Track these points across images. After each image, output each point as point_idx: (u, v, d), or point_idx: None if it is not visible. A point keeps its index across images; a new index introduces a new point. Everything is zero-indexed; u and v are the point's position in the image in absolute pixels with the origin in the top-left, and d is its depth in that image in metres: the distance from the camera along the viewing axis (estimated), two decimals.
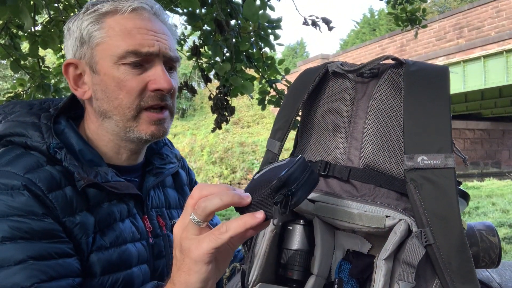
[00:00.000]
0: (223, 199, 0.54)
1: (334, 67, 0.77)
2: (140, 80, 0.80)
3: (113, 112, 0.81)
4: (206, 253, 0.54)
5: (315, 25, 2.59)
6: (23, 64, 2.58)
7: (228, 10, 2.50)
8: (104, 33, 0.80)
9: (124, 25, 0.80)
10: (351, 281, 0.67)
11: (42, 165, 0.76)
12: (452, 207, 0.61)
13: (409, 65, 0.70)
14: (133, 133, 0.82)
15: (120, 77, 0.79)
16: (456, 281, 0.61)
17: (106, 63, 0.80)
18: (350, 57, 19.31)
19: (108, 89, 0.80)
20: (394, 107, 0.69)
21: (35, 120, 0.81)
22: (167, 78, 0.81)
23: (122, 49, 0.78)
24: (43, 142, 0.77)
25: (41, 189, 0.72)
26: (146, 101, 0.81)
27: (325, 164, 0.72)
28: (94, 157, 0.83)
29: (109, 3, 0.81)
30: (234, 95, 2.71)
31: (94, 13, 0.81)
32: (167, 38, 0.84)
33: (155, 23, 0.82)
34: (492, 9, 14.40)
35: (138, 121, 0.81)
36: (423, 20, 4.09)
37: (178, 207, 1.00)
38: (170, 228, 0.94)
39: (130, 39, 0.79)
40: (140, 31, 0.80)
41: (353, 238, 0.72)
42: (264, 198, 0.54)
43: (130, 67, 0.79)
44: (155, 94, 0.81)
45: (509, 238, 5.76)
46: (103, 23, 0.80)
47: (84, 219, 0.76)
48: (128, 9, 0.80)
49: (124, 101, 0.80)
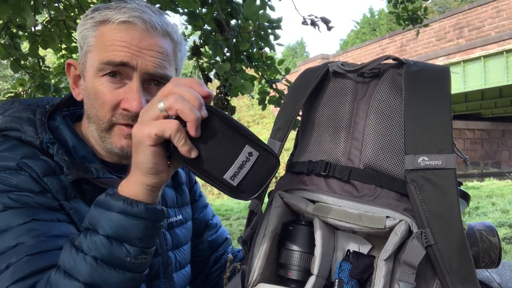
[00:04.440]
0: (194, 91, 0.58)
1: (334, 67, 0.76)
2: (115, 94, 0.79)
3: (93, 119, 0.83)
4: (147, 136, 0.58)
5: (314, 25, 2.59)
6: (23, 64, 2.58)
7: (228, 10, 2.50)
8: (93, 41, 0.81)
9: (110, 37, 0.79)
10: (351, 281, 0.67)
11: (37, 154, 0.78)
12: (453, 208, 0.60)
13: (410, 65, 0.70)
14: (106, 143, 0.83)
15: (98, 88, 0.80)
16: (457, 281, 0.61)
17: (90, 72, 0.81)
18: (350, 57, 19.30)
19: (89, 97, 0.82)
20: (395, 107, 0.69)
21: (30, 115, 0.83)
22: (138, 99, 0.78)
23: (99, 60, 0.79)
24: (37, 137, 0.79)
25: (36, 172, 0.74)
26: (117, 118, 0.81)
27: (326, 164, 0.72)
28: (87, 153, 0.84)
29: (105, 11, 0.80)
30: (234, 95, 2.71)
31: (91, 19, 0.81)
32: (156, 55, 0.80)
33: (146, 39, 0.79)
34: (492, 9, 14.40)
35: (110, 133, 0.82)
36: (425, 19, 4.09)
37: (175, 206, 1.00)
38: (167, 227, 0.94)
39: (108, 51, 0.78)
40: (122, 43, 0.78)
41: (353, 239, 0.72)
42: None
43: (109, 80, 0.79)
44: (126, 113, 0.80)
45: (509, 238, 5.76)
46: (96, 31, 0.81)
47: (78, 206, 0.78)
48: (116, 21, 0.78)
49: (99, 112, 0.81)
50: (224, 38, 2.37)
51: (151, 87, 0.83)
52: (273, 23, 2.47)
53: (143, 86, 0.81)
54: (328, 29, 2.59)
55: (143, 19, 0.80)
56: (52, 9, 2.52)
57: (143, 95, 0.80)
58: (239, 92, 2.63)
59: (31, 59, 2.63)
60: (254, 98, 2.86)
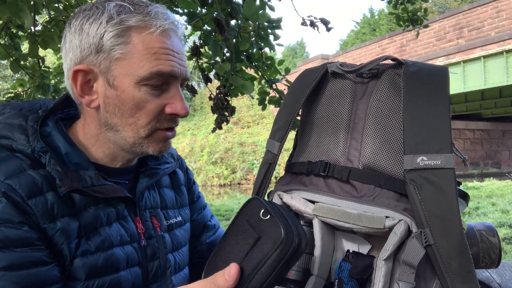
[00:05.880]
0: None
1: (333, 67, 0.77)
2: (159, 102, 0.80)
3: (124, 128, 0.80)
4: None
5: (314, 25, 2.59)
6: (23, 64, 2.58)
7: (228, 10, 2.50)
8: (128, 49, 0.76)
9: (150, 45, 0.76)
10: (351, 281, 0.67)
11: (24, 169, 0.74)
12: (452, 208, 0.61)
13: (409, 66, 0.70)
14: (141, 148, 0.82)
15: (140, 98, 0.78)
16: (456, 281, 0.61)
17: (127, 81, 0.77)
18: (350, 57, 19.31)
19: (124, 107, 0.79)
20: (394, 108, 0.69)
21: (22, 122, 0.80)
22: (184, 104, 0.81)
23: (147, 70, 0.76)
24: (28, 146, 0.76)
25: (20, 196, 0.71)
26: (161, 123, 0.81)
27: (325, 165, 0.72)
28: (81, 160, 0.81)
29: (137, 16, 0.76)
30: (234, 95, 2.71)
31: (121, 24, 0.76)
32: (184, 58, 0.82)
33: (178, 44, 0.81)
34: (492, 9, 14.41)
35: (150, 139, 0.82)
36: (425, 19, 4.09)
37: (175, 207, 0.99)
38: (166, 228, 0.93)
39: (155, 60, 0.76)
40: (166, 51, 0.78)
41: (352, 239, 0.72)
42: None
43: (151, 89, 0.78)
44: (170, 117, 0.82)
45: (509, 238, 5.76)
46: (128, 37, 0.76)
47: (66, 225, 0.75)
48: (158, 30, 0.76)
49: (140, 120, 0.79)
50: (224, 38, 2.37)
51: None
52: (273, 23, 2.47)
53: None
54: (327, 30, 2.59)
55: (175, 24, 0.80)
56: (52, 9, 2.52)
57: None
58: (239, 92, 2.64)
59: (31, 59, 2.63)
60: (254, 98, 2.86)
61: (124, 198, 0.85)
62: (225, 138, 20.91)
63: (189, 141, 21.38)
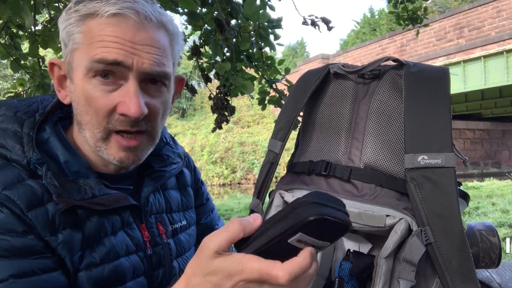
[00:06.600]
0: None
1: (335, 68, 0.77)
2: (110, 99, 0.70)
3: (85, 126, 0.74)
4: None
5: (315, 25, 2.59)
6: (23, 64, 2.58)
7: (228, 9, 2.50)
8: (80, 38, 0.70)
9: (99, 32, 0.69)
10: (352, 280, 0.67)
11: (23, 179, 0.69)
12: (452, 206, 0.61)
13: (410, 66, 0.71)
14: (102, 154, 0.74)
15: (89, 92, 0.70)
16: (456, 280, 0.61)
17: (79, 73, 0.71)
18: (350, 57, 19.31)
19: (80, 102, 0.72)
20: (395, 108, 0.70)
21: (17, 128, 0.74)
22: (137, 103, 0.69)
23: (88, 58, 0.69)
24: (23, 157, 0.70)
25: (19, 208, 0.66)
26: (114, 124, 0.72)
27: (326, 164, 0.72)
28: (81, 168, 0.75)
29: (93, 3, 0.70)
30: (234, 95, 2.72)
31: (75, 13, 0.70)
32: (153, 50, 0.71)
33: (140, 33, 0.70)
34: (492, 9, 14.41)
35: (107, 144, 0.73)
36: (425, 19, 4.10)
37: (180, 210, 0.94)
38: (171, 234, 0.88)
39: (100, 48, 0.68)
40: (115, 39, 0.68)
41: (353, 238, 0.72)
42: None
43: (101, 82, 0.70)
44: (124, 119, 0.71)
45: (509, 238, 5.76)
46: (83, 26, 0.70)
47: (68, 238, 0.70)
48: (105, 14, 0.68)
49: (92, 119, 0.72)
50: (224, 38, 2.37)
51: (148, 87, 0.73)
52: (273, 22, 2.47)
53: (140, 86, 0.72)
54: (329, 29, 2.59)
55: (135, 10, 0.70)
56: (52, 9, 2.52)
57: (141, 96, 0.71)
58: (239, 92, 2.64)
59: (31, 59, 2.63)
60: (254, 98, 2.87)
61: (129, 205, 0.79)
62: (225, 137, 20.92)
63: (189, 140, 21.39)
